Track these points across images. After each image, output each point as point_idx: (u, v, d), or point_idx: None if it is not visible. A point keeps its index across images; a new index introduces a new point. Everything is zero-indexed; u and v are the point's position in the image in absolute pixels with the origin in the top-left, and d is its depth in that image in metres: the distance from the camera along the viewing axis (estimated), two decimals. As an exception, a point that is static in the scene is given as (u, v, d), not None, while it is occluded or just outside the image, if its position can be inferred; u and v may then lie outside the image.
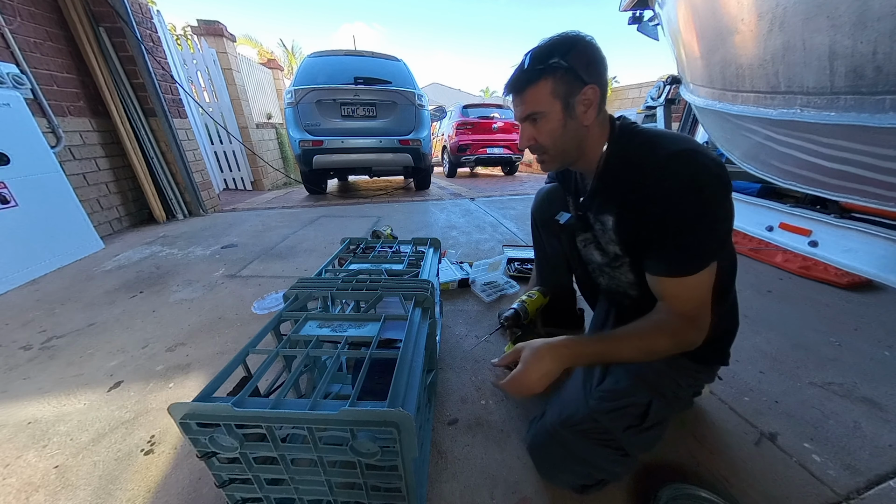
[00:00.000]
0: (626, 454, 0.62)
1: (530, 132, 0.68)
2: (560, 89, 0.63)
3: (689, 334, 0.61)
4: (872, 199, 1.36)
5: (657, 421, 0.63)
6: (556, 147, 0.68)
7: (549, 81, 0.62)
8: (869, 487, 0.68)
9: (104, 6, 2.35)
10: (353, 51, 4.04)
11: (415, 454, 0.48)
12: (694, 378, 0.72)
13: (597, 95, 0.63)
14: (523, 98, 0.66)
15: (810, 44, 1.05)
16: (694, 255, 0.59)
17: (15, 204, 1.76)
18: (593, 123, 0.66)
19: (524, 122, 0.69)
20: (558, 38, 0.63)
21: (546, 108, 0.64)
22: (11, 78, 1.90)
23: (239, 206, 3.51)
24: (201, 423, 0.49)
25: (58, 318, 1.37)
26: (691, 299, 0.61)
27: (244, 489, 0.58)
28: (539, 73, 0.62)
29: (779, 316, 1.30)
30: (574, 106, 0.63)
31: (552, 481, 0.68)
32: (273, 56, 9.52)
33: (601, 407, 0.63)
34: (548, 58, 0.62)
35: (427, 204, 3.45)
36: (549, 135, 0.67)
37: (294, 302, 0.78)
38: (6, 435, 0.83)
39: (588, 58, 0.62)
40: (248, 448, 0.51)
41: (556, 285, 1.08)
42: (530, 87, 0.64)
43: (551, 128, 0.66)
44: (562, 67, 0.61)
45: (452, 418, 0.86)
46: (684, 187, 0.57)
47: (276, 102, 6.74)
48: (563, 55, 0.61)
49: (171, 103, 2.80)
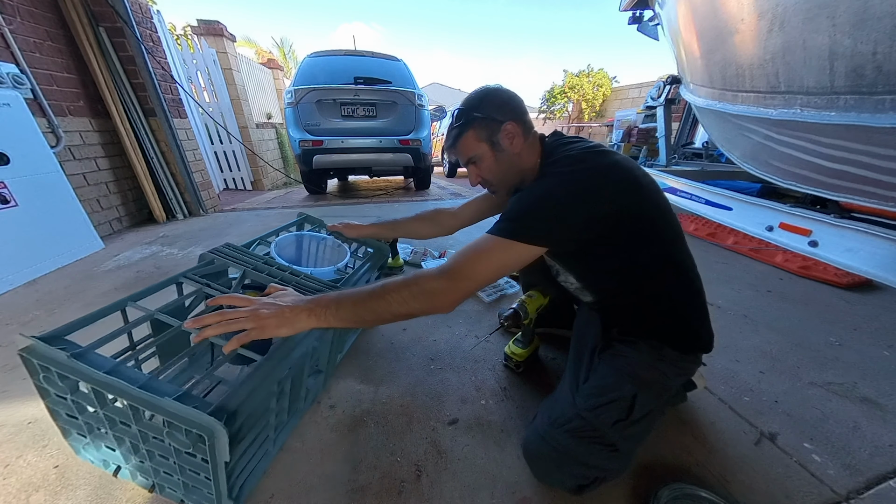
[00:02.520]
0: (617, 449, 0.62)
1: (475, 172, 0.81)
2: (482, 134, 0.75)
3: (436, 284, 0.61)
4: (872, 199, 1.36)
5: (644, 413, 0.64)
6: (498, 178, 0.80)
7: (472, 131, 0.76)
8: (869, 487, 0.68)
9: (104, 6, 2.35)
10: (353, 51, 4.04)
11: (226, 458, 0.48)
12: (678, 367, 0.72)
13: (516, 127, 0.75)
14: (458, 149, 0.79)
15: (810, 44, 1.05)
16: (510, 225, 0.64)
17: (15, 204, 1.76)
18: (523, 148, 0.77)
19: (469, 166, 0.81)
20: (471, 95, 0.78)
21: (478, 151, 0.77)
22: (11, 78, 1.90)
23: (239, 206, 3.51)
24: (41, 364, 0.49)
25: (58, 318, 1.37)
26: (469, 259, 0.63)
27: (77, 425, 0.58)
28: (462, 127, 0.76)
29: (779, 316, 1.30)
30: (499, 142, 0.75)
31: (548, 483, 0.68)
32: (272, 56, 9.51)
33: (587, 404, 0.65)
34: (465, 114, 0.76)
35: (427, 204, 3.46)
36: (489, 170, 0.79)
37: (207, 265, 0.76)
38: (6, 435, 0.83)
39: (497, 102, 0.76)
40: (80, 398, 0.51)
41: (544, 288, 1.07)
42: (460, 140, 0.78)
43: (488, 165, 0.78)
44: (477, 118, 0.75)
45: (452, 418, 0.86)
46: (553, 181, 0.66)
47: (276, 102, 6.73)
48: (476, 108, 0.75)
49: (171, 103, 2.80)
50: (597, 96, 8.99)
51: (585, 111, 9.16)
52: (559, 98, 9.45)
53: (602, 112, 9.10)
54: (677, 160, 3.34)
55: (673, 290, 0.71)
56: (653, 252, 0.68)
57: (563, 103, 9.53)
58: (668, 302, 0.71)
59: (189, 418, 0.46)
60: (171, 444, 0.50)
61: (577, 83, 9.04)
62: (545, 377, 1.00)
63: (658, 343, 0.70)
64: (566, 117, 9.66)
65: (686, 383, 0.80)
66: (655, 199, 0.68)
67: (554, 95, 9.50)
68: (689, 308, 0.72)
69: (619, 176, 0.65)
